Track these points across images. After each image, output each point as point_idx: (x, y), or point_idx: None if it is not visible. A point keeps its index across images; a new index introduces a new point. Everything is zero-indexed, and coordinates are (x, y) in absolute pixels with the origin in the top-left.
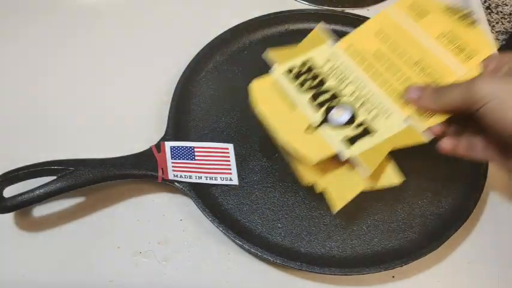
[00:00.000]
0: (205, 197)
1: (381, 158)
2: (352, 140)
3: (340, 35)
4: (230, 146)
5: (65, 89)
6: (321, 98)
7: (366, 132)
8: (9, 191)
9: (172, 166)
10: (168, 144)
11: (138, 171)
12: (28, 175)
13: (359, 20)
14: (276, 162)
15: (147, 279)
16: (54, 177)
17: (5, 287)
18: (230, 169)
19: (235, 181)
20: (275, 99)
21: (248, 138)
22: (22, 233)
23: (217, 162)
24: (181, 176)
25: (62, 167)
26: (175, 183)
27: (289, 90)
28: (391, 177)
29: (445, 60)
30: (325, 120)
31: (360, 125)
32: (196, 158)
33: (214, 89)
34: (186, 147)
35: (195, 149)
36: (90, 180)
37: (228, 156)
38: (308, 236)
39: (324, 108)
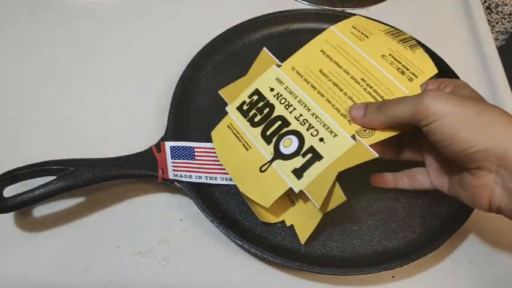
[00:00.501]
0: (205, 197)
1: (328, 187)
2: (300, 171)
3: None
4: None
5: (65, 89)
6: (271, 130)
7: (313, 159)
8: (9, 191)
9: (173, 166)
10: (168, 144)
11: (138, 171)
12: (28, 175)
13: None
14: None
15: (147, 279)
16: (54, 177)
17: (5, 287)
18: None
19: None
20: (232, 142)
21: None
22: (22, 233)
23: (217, 162)
24: (181, 176)
25: (62, 166)
26: (175, 183)
27: (243, 127)
28: (338, 198)
29: (390, 78)
30: (276, 153)
31: (307, 152)
32: (196, 158)
33: (214, 89)
34: (186, 147)
35: (195, 149)
36: (90, 180)
37: None
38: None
39: (274, 140)
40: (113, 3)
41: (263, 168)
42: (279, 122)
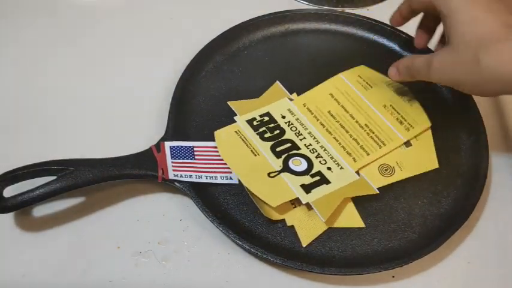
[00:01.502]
0: (205, 197)
1: (335, 205)
2: (308, 187)
3: (340, 35)
4: None
5: (65, 89)
6: (281, 148)
7: (321, 181)
8: (9, 191)
9: (172, 166)
10: (168, 144)
11: (138, 171)
12: (28, 175)
13: (359, 20)
14: None
15: (147, 279)
16: (54, 177)
17: (5, 287)
18: (230, 168)
19: (235, 180)
20: (239, 145)
21: None
22: (22, 233)
23: (217, 162)
24: (181, 176)
25: (62, 166)
26: (175, 183)
27: (252, 138)
28: (355, 221)
29: (390, 126)
30: (285, 167)
31: (315, 174)
32: (196, 157)
33: (214, 89)
34: (186, 146)
35: (195, 149)
36: (90, 180)
37: None
38: None
39: (283, 156)
40: (113, 3)
41: (272, 175)
42: (289, 144)
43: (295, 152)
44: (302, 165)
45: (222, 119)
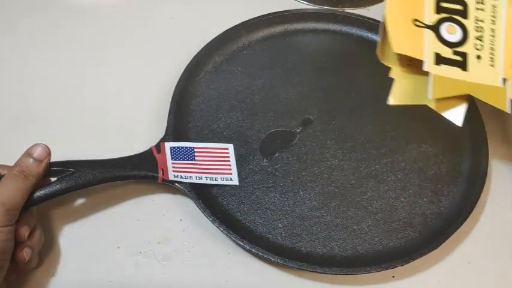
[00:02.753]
0: (206, 197)
1: (452, 93)
2: (441, 60)
3: (340, 35)
4: (230, 146)
5: (65, 89)
6: (447, 4)
7: (458, 64)
8: None
9: (173, 167)
10: (168, 145)
11: (139, 173)
12: None
13: (359, 20)
14: (276, 162)
15: (147, 279)
16: (55, 179)
17: None
18: (230, 169)
19: (235, 181)
20: None
21: (248, 138)
22: None
23: (218, 163)
24: (181, 177)
25: (62, 168)
26: (176, 184)
27: None
28: (457, 116)
29: None
30: (435, 27)
31: (458, 53)
32: (196, 158)
33: (214, 89)
34: (186, 147)
35: (195, 150)
36: (91, 182)
37: (228, 157)
38: (309, 236)
39: (442, 15)
40: (113, 3)
41: (418, 24)
42: (459, 6)
43: (459, 18)
44: (453, 37)
45: (222, 119)
